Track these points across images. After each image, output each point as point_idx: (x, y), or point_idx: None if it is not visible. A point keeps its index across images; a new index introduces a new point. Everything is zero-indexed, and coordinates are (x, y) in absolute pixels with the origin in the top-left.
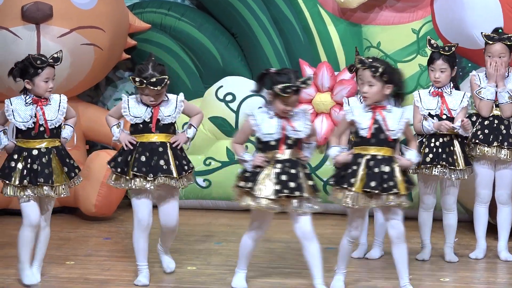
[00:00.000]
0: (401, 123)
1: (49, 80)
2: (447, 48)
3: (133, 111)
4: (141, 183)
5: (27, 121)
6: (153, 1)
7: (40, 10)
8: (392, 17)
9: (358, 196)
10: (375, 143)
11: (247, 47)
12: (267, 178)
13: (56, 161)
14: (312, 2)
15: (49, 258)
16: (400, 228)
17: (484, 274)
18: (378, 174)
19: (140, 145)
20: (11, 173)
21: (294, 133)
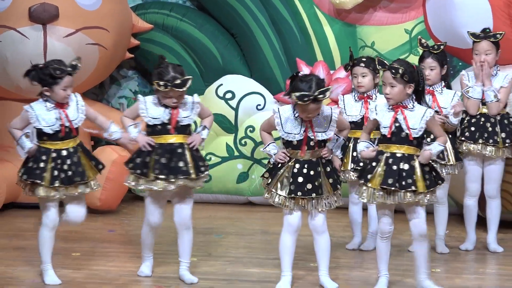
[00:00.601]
0: (423, 121)
1: (68, 88)
2: (436, 46)
3: (151, 112)
4: (163, 185)
5: (53, 125)
6: (155, 2)
7: (46, 11)
8: (386, 18)
9: (374, 192)
10: (396, 141)
11: (246, 47)
12: (285, 176)
13: (84, 157)
14: (309, 4)
15: (55, 250)
16: (422, 226)
17: (474, 265)
18: (396, 171)
19: (159, 146)
20: (42, 174)
21: (317, 134)
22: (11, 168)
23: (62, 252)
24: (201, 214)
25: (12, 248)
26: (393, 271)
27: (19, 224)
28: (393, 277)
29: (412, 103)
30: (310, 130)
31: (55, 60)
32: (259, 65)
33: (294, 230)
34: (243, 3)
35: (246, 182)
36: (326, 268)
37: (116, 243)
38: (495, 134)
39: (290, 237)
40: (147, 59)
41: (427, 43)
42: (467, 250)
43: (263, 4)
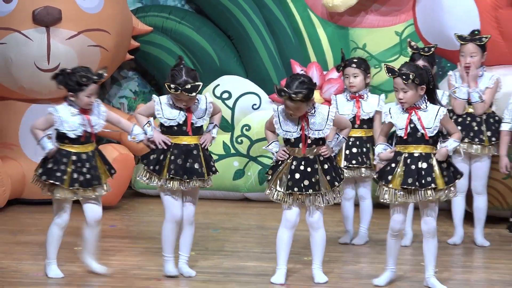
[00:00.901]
0: (437, 120)
1: (92, 96)
2: (426, 49)
3: (167, 113)
4: (177, 185)
5: (76, 130)
6: (155, 6)
7: (50, 14)
8: (377, 21)
9: (395, 192)
10: (412, 141)
11: (242, 48)
12: (283, 172)
13: (99, 161)
14: (303, 6)
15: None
16: (432, 224)
17: (462, 259)
18: (415, 171)
19: (174, 147)
20: (62, 176)
21: (313, 132)
22: (15, 166)
23: (65, 246)
24: (198, 210)
25: (17, 243)
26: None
27: (23, 220)
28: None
29: (425, 104)
30: (306, 128)
31: (82, 67)
32: (255, 66)
33: (291, 226)
34: (239, 6)
35: (242, 179)
36: (320, 262)
37: (116, 238)
38: (481, 133)
39: (287, 232)
40: (147, 60)
41: (417, 46)
42: (455, 244)
43: (258, 7)
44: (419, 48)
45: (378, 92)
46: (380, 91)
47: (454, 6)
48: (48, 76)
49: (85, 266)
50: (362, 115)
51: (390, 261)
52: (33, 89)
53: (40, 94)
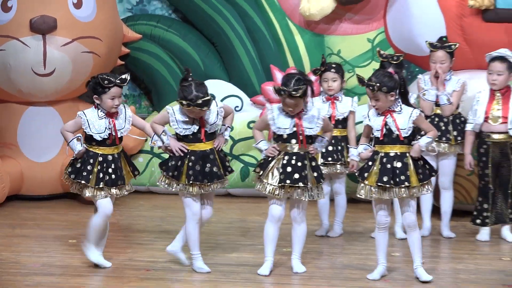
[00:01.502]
0: (410, 121)
1: (115, 98)
2: (395, 57)
3: (182, 124)
4: (198, 190)
5: (102, 132)
6: (144, 15)
7: (46, 22)
8: (351, 28)
9: (371, 189)
10: (388, 142)
11: (225, 55)
12: (275, 167)
13: (124, 162)
14: (281, 15)
15: (54, 237)
16: (411, 218)
17: (429, 250)
18: (390, 170)
19: (191, 153)
20: (89, 176)
21: (305, 130)
22: (13, 164)
23: (61, 239)
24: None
25: (15, 236)
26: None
27: (22, 214)
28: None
29: (400, 106)
30: (300, 124)
31: (108, 73)
32: (237, 70)
33: (276, 220)
34: (222, 15)
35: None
36: (299, 253)
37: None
38: (448, 132)
39: (273, 226)
40: (136, 65)
41: (386, 54)
42: (423, 236)
43: (240, 16)
44: (388, 56)
45: (352, 95)
46: (353, 94)
47: (422, 15)
48: (45, 81)
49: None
50: (337, 115)
51: (380, 256)
52: (31, 93)
53: (37, 97)
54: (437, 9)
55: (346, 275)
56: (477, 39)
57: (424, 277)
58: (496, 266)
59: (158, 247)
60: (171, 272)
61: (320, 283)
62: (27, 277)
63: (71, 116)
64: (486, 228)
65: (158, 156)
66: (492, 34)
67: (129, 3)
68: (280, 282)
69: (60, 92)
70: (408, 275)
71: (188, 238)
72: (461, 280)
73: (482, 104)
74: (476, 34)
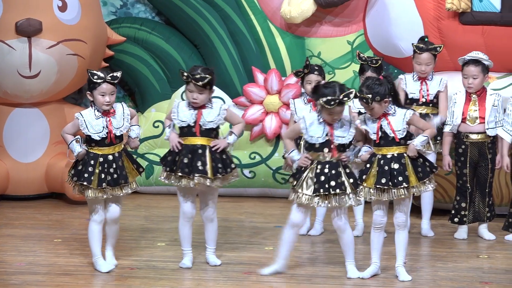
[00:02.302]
0: (404, 122)
1: (106, 95)
2: (374, 61)
3: (181, 115)
4: (186, 182)
5: (100, 132)
6: (127, 18)
7: (31, 25)
8: (330, 31)
9: (369, 190)
10: (385, 144)
11: (207, 56)
12: (309, 177)
13: (126, 161)
14: (263, 18)
15: (39, 236)
16: (402, 218)
17: (409, 248)
18: (388, 171)
19: (184, 147)
20: (90, 177)
21: (338, 139)
22: None
23: (46, 238)
24: (169, 204)
25: (1, 235)
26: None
27: (7, 214)
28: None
29: (394, 109)
30: (334, 132)
31: (101, 69)
32: (219, 72)
33: (296, 225)
34: (205, 18)
35: None
36: (352, 258)
37: None
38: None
39: (291, 231)
40: (120, 67)
41: (365, 57)
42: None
43: (222, 19)
44: (368, 59)
45: None
46: None
47: (400, 17)
48: (30, 83)
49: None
50: None
51: (374, 255)
52: (16, 94)
53: (22, 99)
54: (415, 12)
55: (327, 272)
56: (454, 41)
57: (402, 277)
58: (474, 264)
59: (142, 246)
60: (155, 270)
61: (300, 280)
62: (12, 276)
63: (56, 117)
64: (464, 227)
65: (142, 157)
66: (469, 36)
67: (113, 6)
68: (261, 280)
69: (46, 94)
70: (388, 272)
71: (179, 235)
72: (439, 278)
73: (459, 106)
74: (453, 37)
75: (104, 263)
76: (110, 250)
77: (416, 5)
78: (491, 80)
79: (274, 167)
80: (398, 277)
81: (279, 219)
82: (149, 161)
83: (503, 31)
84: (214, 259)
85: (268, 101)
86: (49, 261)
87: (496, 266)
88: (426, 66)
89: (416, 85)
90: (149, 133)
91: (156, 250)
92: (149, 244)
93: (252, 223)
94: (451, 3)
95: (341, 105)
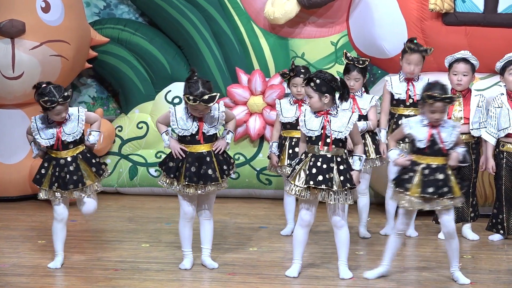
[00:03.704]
0: (453, 135)
1: (62, 112)
2: (361, 61)
3: (181, 123)
4: (194, 190)
5: (49, 139)
6: (111, 19)
7: (14, 26)
8: (314, 32)
9: (413, 200)
10: (431, 153)
11: (191, 57)
12: (302, 169)
13: (84, 164)
14: (246, 19)
15: (23, 238)
16: (451, 226)
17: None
18: (433, 181)
19: (189, 155)
20: (41, 179)
21: (334, 132)
22: None
23: (30, 240)
24: (152, 205)
25: None
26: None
27: None
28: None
29: (445, 121)
30: (328, 128)
31: (53, 87)
32: (203, 73)
33: (306, 225)
34: (188, 19)
35: None
36: (345, 258)
37: (77, 231)
38: None
39: (302, 230)
40: (104, 68)
41: (352, 57)
42: (386, 235)
43: (206, 19)
44: (354, 59)
45: None
46: None
47: (383, 18)
48: (13, 84)
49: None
50: None
51: (386, 258)
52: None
53: (6, 100)
54: (398, 13)
55: (311, 273)
56: (438, 42)
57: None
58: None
59: (126, 247)
60: (139, 271)
61: (285, 281)
62: None
63: None
64: None
65: (126, 158)
66: (452, 37)
67: (97, 7)
68: (246, 281)
69: (29, 95)
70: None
71: (180, 236)
72: (424, 278)
73: None
74: (436, 37)
75: (55, 261)
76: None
77: (400, 6)
78: (475, 81)
79: (258, 168)
80: (457, 281)
81: (263, 220)
82: (133, 162)
83: (486, 31)
84: (210, 261)
85: (252, 102)
86: (33, 263)
87: (480, 266)
88: (415, 67)
89: (403, 85)
90: (133, 134)
91: (140, 251)
92: (133, 245)
93: (236, 223)
94: (434, 3)
95: (444, 101)
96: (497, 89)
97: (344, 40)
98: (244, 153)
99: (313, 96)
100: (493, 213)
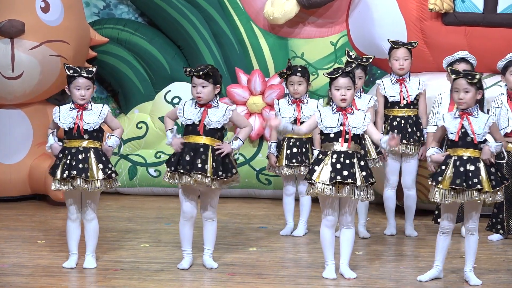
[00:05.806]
0: (486, 127)
1: (81, 89)
2: (364, 59)
3: (187, 113)
4: (186, 179)
5: (68, 123)
6: (110, 19)
7: (14, 26)
8: (314, 32)
9: (445, 192)
10: (462, 145)
11: (191, 57)
12: (325, 166)
13: (92, 159)
14: (246, 19)
15: (23, 238)
16: (474, 223)
17: (392, 248)
18: (463, 172)
19: (186, 145)
20: (55, 170)
21: (352, 129)
22: None
23: (29, 240)
24: (152, 205)
25: None
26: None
27: None
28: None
29: (477, 111)
30: (347, 122)
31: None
32: None
33: (331, 225)
34: (188, 19)
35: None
36: (348, 259)
37: None
38: (414, 133)
39: (329, 230)
40: (104, 68)
41: (355, 55)
42: (392, 235)
43: (205, 20)
44: (357, 58)
45: (315, 97)
46: (317, 96)
47: (383, 18)
48: (13, 84)
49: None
50: (302, 118)
51: (437, 259)
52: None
53: (5, 100)
54: (398, 13)
55: (311, 273)
56: (437, 41)
57: (473, 281)
58: (457, 264)
59: (126, 247)
60: (139, 272)
61: (284, 281)
62: None
63: (39, 118)
64: None
65: (125, 158)
66: (451, 37)
67: (96, 7)
68: (245, 281)
69: (29, 95)
70: (371, 273)
71: (179, 235)
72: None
73: (444, 106)
74: (436, 37)
75: (69, 260)
76: (91, 254)
77: (399, 6)
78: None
79: (258, 168)
80: (468, 282)
81: (263, 220)
82: (133, 162)
83: (486, 31)
84: (210, 261)
85: (251, 102)
86: (32, 263)
87: (479, 266)
88: (404, 61)
89: (395, 87)
90: (132, 134)
91: (139, 251)
92: (133, 245)
93: (236, 223)
94: (433, 3)
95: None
96: (497, 89)
97: (344, 40)
98: (243, 153)
99: (352, 88)
100: (493, 212)
